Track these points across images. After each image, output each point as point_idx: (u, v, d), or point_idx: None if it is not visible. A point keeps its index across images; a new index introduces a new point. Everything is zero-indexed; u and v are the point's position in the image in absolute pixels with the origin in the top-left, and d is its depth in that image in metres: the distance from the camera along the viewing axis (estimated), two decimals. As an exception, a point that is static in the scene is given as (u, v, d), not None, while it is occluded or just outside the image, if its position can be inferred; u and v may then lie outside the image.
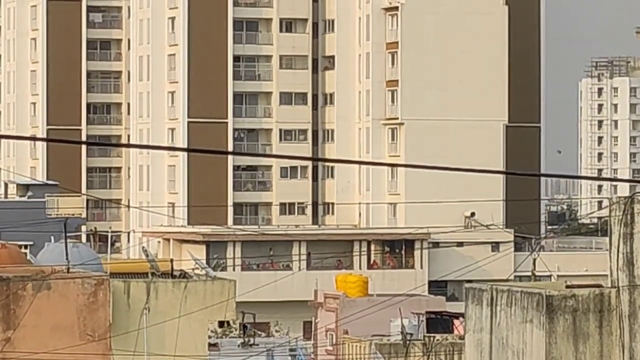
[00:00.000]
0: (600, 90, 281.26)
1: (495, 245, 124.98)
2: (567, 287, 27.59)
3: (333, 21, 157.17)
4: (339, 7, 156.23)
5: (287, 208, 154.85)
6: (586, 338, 25.70)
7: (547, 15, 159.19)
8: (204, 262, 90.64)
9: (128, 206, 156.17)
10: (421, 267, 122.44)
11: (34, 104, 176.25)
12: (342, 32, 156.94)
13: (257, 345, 77.12)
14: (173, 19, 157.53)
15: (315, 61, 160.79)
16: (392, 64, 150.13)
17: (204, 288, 54.35)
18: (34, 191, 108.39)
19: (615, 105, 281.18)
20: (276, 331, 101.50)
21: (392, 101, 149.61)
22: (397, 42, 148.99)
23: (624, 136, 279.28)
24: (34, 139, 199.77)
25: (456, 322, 71.05)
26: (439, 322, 78.48)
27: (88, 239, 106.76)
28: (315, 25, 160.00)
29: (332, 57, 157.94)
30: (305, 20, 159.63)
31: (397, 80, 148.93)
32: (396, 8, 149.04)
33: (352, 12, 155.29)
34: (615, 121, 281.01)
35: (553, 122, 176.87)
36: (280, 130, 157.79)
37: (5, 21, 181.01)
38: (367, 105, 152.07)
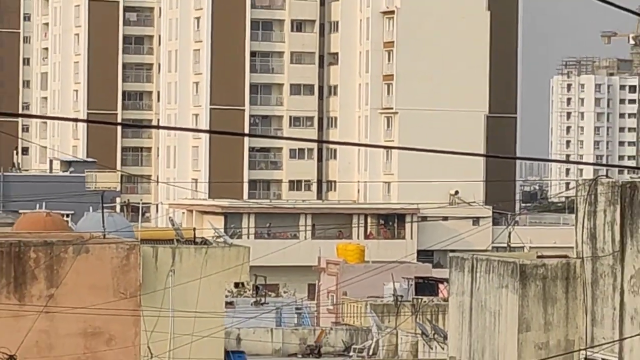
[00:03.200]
0: (569, 86, 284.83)
1: (476, 220, 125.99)
2: (538, 257, 28.07)
3: (337, 22, 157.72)
4: (342, 10, 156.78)
5: (295, 185, 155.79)
6: (554, 302, 26.18)
7: (524, 19, 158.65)
8: (222, 231, 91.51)
9: (157, 181, 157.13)
10: (411, 238, 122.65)
11: (76, 91, 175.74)
12: (345, 32, 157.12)
13: (268, 304, 78.27)
14: (198, 18, 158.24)
15: (321, 57, 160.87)
16: (389, 60, 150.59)
17: (222, 253, 55.02)
18: (75, 167, 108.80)
19: (582, 100, 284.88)
20: (284, 292, 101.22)
21: (388, 93, 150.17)
22: (393, 42, 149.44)
23: (589, 126, 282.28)
24: (74, 119, 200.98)
25: (441, 286, 72.43)
26: (426, 286, 79.91)
27: (122, 210, 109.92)
28: (322, 26, 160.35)
29: (336, 53, 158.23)
30: (313, 21, 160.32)
31: (392, 75, 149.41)
32: (393, 12, 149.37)
33: (354, 14, 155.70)
34: (582, 113, 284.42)
35: (528, 113, 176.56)
36: (290, 117, 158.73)
37: (53, 18, 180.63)
38: (366, 96, 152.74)
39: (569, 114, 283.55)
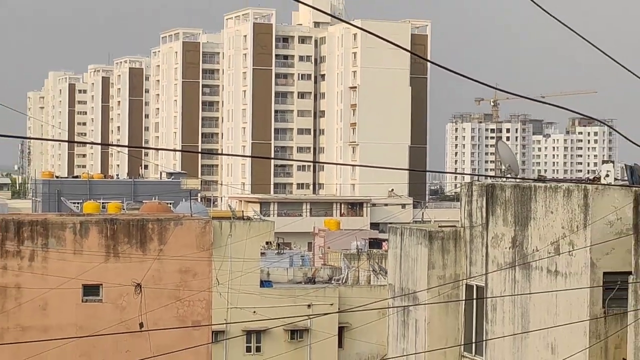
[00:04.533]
0: (456, 129, 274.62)
1: (403, 205, 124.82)
2: (439, 226, 27.51)
3: (324, 93, 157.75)
4: (327, 86, 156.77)
5: (300, 186, 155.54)
6: (448, 252, 25.54)
7: (431, 90, 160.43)
8: (259, 212, 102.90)
9: (221, 184, 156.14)
10: (366, 216, 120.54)
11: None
12: (328, 98, 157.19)
13: (284, 253, 75.04)
14: (245, 91, 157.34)
15: (315, 113, 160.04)
16: (353, 115, 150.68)
17: (258, 225, 58.47)
18: (174, 176, 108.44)
19: (464, 137, 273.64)
20: (294, 247, 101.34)
21: (353, 133, 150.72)
22: (355, 104, 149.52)
23: (468, 153, 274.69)
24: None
25: (384, 244, 71.22)
26: (375, 244, 79.63)
27: (201, 200, 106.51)
28: (315, 95, 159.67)
29: (323, 111, 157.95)
30: (310, 92, 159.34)
31: (355, 123, 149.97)
32: (355, 87, 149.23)
33: (333, 88, 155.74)
34: (464, 145, 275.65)
35: (432, 145, 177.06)
36: (297, 147, 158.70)
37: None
38: (340, 135, 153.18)
39: (456, 145, 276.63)
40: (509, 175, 26.00)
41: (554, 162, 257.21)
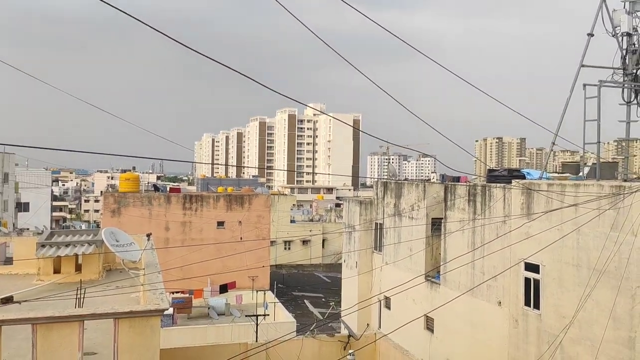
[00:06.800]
0: (371, 159, 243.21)
1: (349, 189, 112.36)
2: (365, 198, 24.35)
3: (317, 143, 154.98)
4: (319, 140, 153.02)
5: (307, 182, 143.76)
6: (368, 209, 23.46)
7: (361, 141, 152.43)
8: (290, 192, 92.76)
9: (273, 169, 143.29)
10: (334, 194, 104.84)
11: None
12: (319, 146, 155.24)
13: (301, 209, 74.62)
14: (284, 142, 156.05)
15: (313, 152, 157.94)
16: (329, 152, 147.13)
17: (289, 197, 60.04)
18: (255, 177, 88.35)
19: (373, 161, 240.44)
20: (304, 206, 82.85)
21: (329, 159, 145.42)
22: (330, 148, 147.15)
23: (375, 167, 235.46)
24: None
25: (342, 205, 52.20)
26: (338, 205, 77.16)
27: (266, 187, 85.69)
28: (313, 145, 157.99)
29: (317, 151, 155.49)
30: (311, 143, 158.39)
31: (330, 156, 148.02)
32: (330, 141, 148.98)
33: (321, 141, 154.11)
34: (373, 164, 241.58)
35: (362, 165, 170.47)
36: (306, 166, 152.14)
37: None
38: (324, 161, 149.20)
39: (371, 165, 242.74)
40: (393, 178, 25.11)
41: (410, 174, 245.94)
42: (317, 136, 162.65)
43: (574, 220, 13.13)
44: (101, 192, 56.61)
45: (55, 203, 76.39)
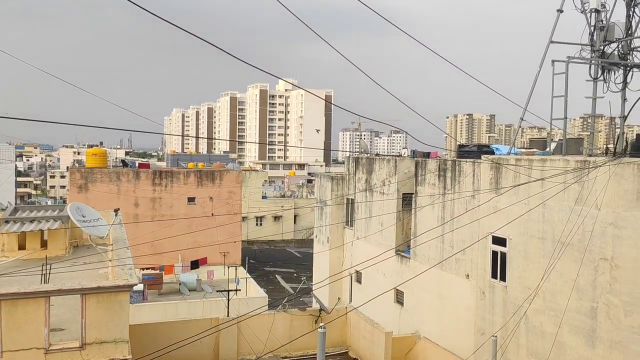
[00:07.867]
0: (343, 135, 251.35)
1: (321, 166, 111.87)
2: (336, 174, 24.56)
3: (289, 119, 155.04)
4: (291, 116, 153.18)
5: (279, 157, 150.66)
6: (339, 184, 23.81)
7: (333, 116, 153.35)
8: (261, 168, 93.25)
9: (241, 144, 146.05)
10: (306, 169, 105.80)
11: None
12: (291, 122, 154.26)
13: (272, 184, 77.30)
14: (256, 118, 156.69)
15: (285, 128, 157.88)
16: (301, 128, 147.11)
17: (260, 173, 60.58)
18: (226, 153, 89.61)
19: (345, 137, 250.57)
20: (276, 182, 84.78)
21: (300, 135, 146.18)
22: (302, 124, 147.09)
23: (347, 142, 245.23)
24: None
25: (314, 181, 60.90)
26: (309, 181, 78.01)
27: (237, 163, 73.97)
28: (285, 120, 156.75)
29: (289, 127, 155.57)
30: (282, 119, 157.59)
31: (302, 132, 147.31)
32: (302, 117, 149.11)
33: (292, 117, 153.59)
34: (345, 140, 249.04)
35: (334, 141, 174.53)
36: (278, 141, 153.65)
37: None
38: (296, 136, 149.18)
39: (343, 141, 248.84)
40: (364, 154, 25.22)
41: (382, 150, 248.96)
42: (289, 112, 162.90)
43: (540, 194, 13.26)
44: (67, 167, 56.20)
45: (19, 179, 75.71)
